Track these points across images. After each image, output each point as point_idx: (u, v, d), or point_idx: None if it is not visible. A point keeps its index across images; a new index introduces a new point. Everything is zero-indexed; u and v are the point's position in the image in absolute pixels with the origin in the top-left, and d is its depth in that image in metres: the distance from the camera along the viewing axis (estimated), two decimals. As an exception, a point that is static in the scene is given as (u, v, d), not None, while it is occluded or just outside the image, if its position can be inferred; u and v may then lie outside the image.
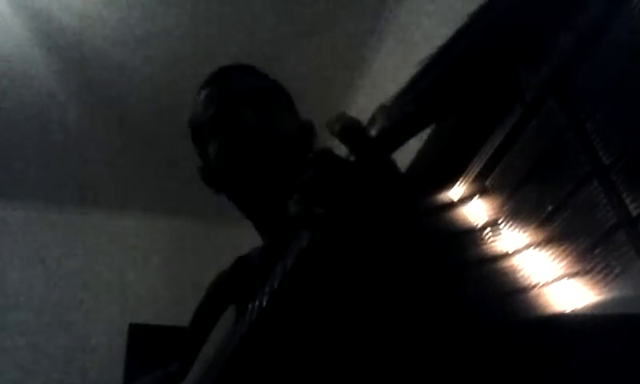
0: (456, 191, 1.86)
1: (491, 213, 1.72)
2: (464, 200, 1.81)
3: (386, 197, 0.55)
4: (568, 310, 1.36)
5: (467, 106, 0.43)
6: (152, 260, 3.04)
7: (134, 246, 3.07)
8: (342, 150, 0.52)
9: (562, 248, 1.42)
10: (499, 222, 1.68)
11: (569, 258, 1.39)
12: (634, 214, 1.21)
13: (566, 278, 1.39)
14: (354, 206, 0.52)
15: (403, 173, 0.65)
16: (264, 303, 0.58)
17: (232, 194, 0.84)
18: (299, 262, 0.55)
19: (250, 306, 0.63)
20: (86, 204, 3.06)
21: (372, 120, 0.49)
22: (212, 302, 0.88)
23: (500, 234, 1.66)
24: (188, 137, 0.90)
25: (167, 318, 2.41)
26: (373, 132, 0.48)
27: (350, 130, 0.49)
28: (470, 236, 0.71)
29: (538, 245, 1.51)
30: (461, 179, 1.84)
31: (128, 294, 2.90)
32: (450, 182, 1.86)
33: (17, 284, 2.80)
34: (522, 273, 1.54)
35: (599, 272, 1.29)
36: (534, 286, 1.49)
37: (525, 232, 1.57)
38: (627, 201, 1.24)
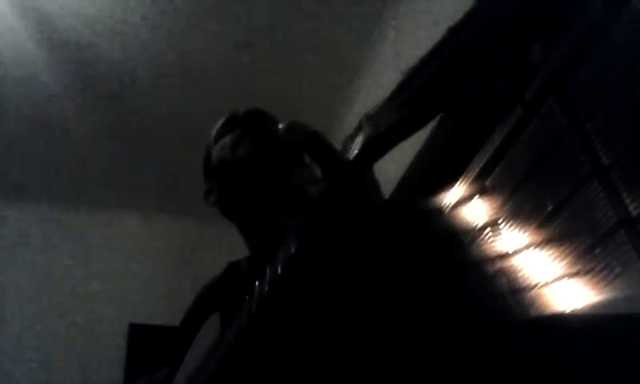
0: (456, 191, 1.85)
1: (491, 213, 1.71)
2: (464, 200, 1.81)
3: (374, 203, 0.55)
4: (568, 310, 1.36)
5: (469, 106, 0.44)
6: (152, 260, 3.04)
7: (134, 245, 3.07)
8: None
9: (561, 248, 1.42)
10: (499, 221, 1.68)
11: (569, 258, 1.39)
12: (634, 213, 1.21)
13: (566, 278, 1.39)
14: (342, 210, 0.52)
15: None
16: (253, 310, 0.58)
17: (225, 200, 0.84)
18: (290, 268, 0.54)
19: (237, 315, 0.62)
20: (86, 204, 3.06)
21: (358, 128, 0.50)
22: (200, 307, 0.89)
23: (500, 234, 1.66)
24: (188, 137, 0.91)
25: (167, 318, 2.40)
26: (359, 140, 0.49)
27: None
28: (470, 236, 0.71)
29: (537, 245, 1.51)
30: (461, 179, 1.83)
31: (128, 294, 2.90)
32: (450, 182, 1.86)
33: (17, 284, 2.80)
34: (521, 273, 1.54)
35: (599, 272, 1.28)
36: (534, 286, 1.49)
37: (525, 232, 1.57)
38: (627, 201, 1.23)
